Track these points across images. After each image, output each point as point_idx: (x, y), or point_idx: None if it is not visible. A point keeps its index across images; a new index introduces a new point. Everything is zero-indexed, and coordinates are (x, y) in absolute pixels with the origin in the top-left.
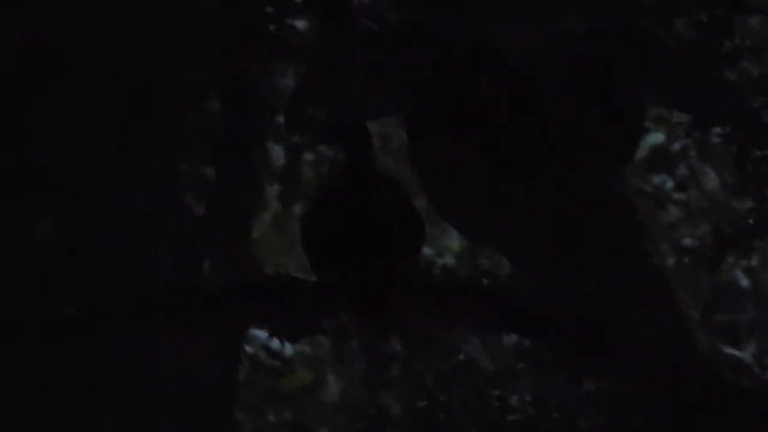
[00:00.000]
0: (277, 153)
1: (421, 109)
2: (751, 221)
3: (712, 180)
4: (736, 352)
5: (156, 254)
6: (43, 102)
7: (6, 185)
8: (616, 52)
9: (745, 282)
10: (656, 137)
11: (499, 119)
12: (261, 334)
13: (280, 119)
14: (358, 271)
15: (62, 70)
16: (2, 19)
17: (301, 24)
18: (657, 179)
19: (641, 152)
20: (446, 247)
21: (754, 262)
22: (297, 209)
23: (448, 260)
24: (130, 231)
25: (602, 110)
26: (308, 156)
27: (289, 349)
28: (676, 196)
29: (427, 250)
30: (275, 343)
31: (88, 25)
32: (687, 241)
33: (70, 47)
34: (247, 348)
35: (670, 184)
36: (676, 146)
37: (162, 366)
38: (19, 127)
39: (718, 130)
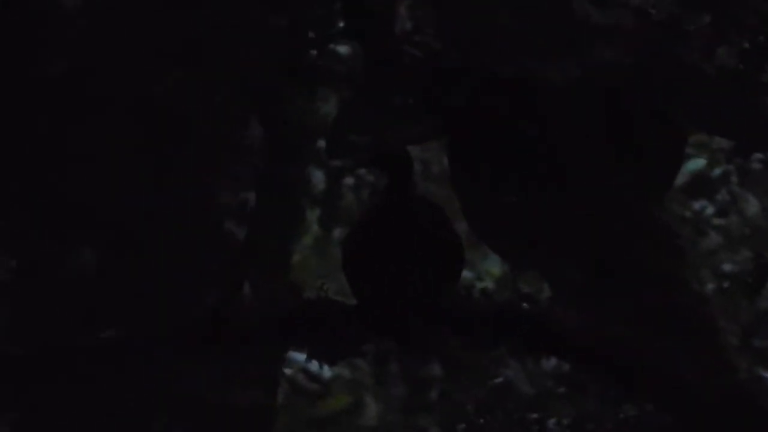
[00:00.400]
0: (318, 177)
1: (462, 134)
2: None
3: (752, 206)
4: None
5: (197, 279)
6: (81, 135)
7: (47, 218)
8: (657, 80)
9: None
10: (697, 163)
11: (539, 147)
12: (300, 357)
13: (321, 144)
14: (398, 295)
15: (99, 103)
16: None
17: (342, 49)
18: (697, 205)
19: (682, 178)
20: (486, 272)
21: None
22: (337, 233)
23: (488, 284)
24: (170, 258)
25: (642, 138)
26: (349, 180)
27: (328, 372)
28: (717, 222)
29: (467, 274)
30: (314, 366)
31: (125, 58)
32: (727, 267)
33: (107, 81)
34: (286, 371)
35: (710, 210)
36: (717, 172)
37: (201, 390)
38: (59, 160)
39: (758, 156)
